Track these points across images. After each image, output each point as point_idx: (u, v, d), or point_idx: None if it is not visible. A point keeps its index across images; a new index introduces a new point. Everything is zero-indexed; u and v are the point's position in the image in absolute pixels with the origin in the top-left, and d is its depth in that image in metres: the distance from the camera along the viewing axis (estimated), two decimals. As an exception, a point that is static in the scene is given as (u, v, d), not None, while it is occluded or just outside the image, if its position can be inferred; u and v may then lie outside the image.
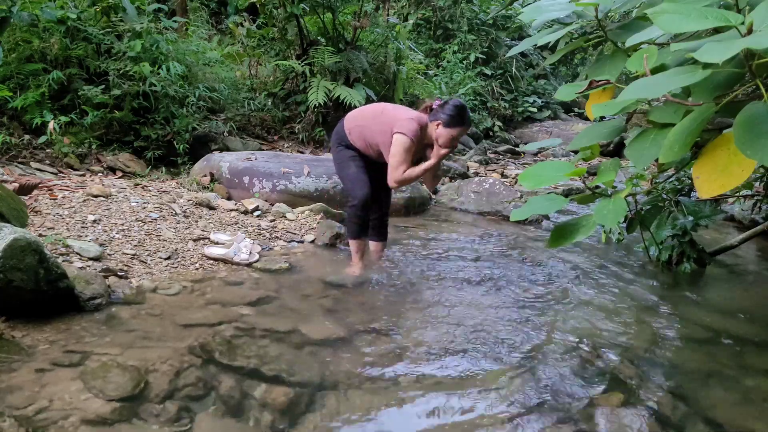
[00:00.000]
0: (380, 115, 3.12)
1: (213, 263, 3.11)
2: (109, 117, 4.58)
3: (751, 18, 1.26)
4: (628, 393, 2.05)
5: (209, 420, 1.75)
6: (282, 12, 6.22)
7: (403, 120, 2.99)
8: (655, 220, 3.56)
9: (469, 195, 5.28)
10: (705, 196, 1.43)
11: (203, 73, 5.59)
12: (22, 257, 2.12)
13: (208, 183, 4.43)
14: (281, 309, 2.62)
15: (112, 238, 3.07)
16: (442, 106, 2.99)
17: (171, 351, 2.09)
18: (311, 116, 6.32)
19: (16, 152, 4.17)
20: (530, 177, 1.88)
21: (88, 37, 4.64)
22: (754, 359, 2.43)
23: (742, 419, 1.95)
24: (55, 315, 2.27)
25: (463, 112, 2.97)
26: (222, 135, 5.42)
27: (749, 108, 1.32)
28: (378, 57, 6.84)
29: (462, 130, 2.98)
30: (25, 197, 3.28)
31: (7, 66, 4.31)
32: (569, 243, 1.86)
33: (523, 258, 3.75)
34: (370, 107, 3.32)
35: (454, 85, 9.33)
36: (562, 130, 10.66)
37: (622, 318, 2.78)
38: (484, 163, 7.81)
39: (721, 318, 2.88)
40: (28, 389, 1.78)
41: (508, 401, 1.96)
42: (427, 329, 2.52)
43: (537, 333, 2.55)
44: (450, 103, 2.98)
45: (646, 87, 1.40)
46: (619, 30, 1.98)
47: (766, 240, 4.32)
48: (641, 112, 1.85)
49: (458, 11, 10.73)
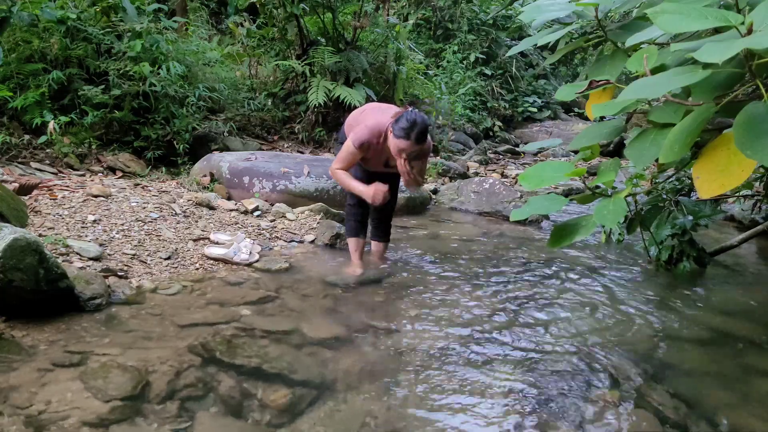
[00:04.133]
0: (360, 116, 3.17)
1: (213, 263, 3.11)
2: (109, 117, 4.58)
3: (751, 18, 1.26)
4: (628, 393, 2.05)
5: (209, 420, 1.75)
6: (282, 12, 6.23)
7: (362, 126, 2.99)
8: (655, 220, 3.57)
9: (469, 195, 5.28)
10: (705, 196, 1.43)
11: (203, 73, 5.59)
12: (22, 257, 2.12)
13: (208, 183, 4.43)
14: (281, 309, 2.62)
15: (112, 238, 3.07)
16: (403, 115, 2.87)
17: (171, 351, 2.09)
18: (311, 116, 6.33)
19: (16, 152, 4.17)
20: (530, 177, 1.88)
21: (88, 37, 4.64)
22: (754, 359, 2.43)
23: (742, 419, 1.95)
24: (56, 315, 2.27)
25: (413, 127, 2.78)
26: (222, 135, 5.42)
27: (749, 108, 1.32)
28: (378, 57, 6.84)
29: (408, 144, 2.80)
30: (25, 197, 3.28)
31: (7, 66, 4.31)
32: (569, 243, 1.87)
33: (523, 258, 3.75)
34: (362, 107, 3.33)
35: (454, 85, 9.33)
36: (562, 130, 10.66)
37: (622, 318, 2.78)
38: (484, 163, 7.81)
39: (721, 318, 2.88)
40: (28, 389, 1.78)
41: (508, 401, 1.96)
42: (427, 329, 2.52)
43: (537, 333, 2.55)
44: (405, 115, 2.85)
45: (646, 87, 1.40)
46: (619, 30, 1.98)
47: (766, 240, 4.32)
48: (641, 112, 1.85)
49: (458, 11, 10.73)
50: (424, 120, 2.86)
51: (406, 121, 2.81)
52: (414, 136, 2.80)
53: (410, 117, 2.82)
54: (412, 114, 2.85)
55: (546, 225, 4.78)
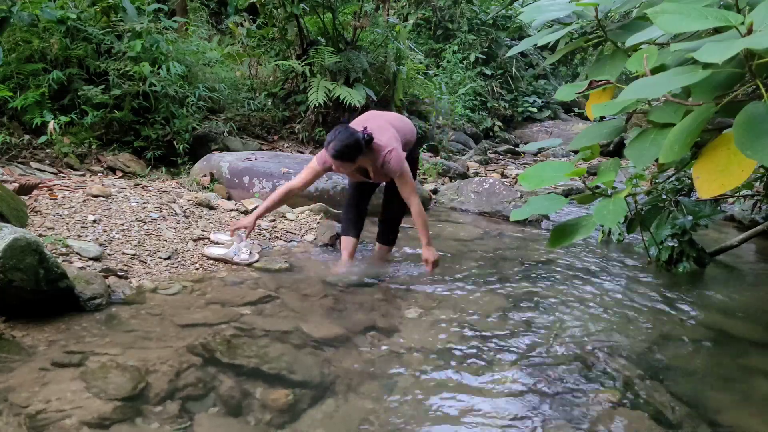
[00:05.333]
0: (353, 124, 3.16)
1: (213, 263, 3.11)
2: (109, 117, 4.58)
3: (751, 18, 1.27)
4: (628, 393, 2.05)
5: (209, 420, 1.75)
6: (282, 12, 6.22)
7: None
8: (655, 220, 3.57)
9: (469, 195, 5.28)
10: (705, 196, 1.43)
11: (203, 73, 5.58)
12: (22, 257, 2.12)
13: (208, 183, 4.43)
14: (281, 309, 2.62)
15: (112, 238, 3.07)
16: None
17: (171, 351, 2.09)
18: (311, 116, 6.32)
19: (16, 152, 4.17)
20: (530, 177, 1.88)
21: (88, 37, 4.64)
22: (754, 359, 2.43)
23: (742, 419, 1.95)
24: (55, 315, 2.27)
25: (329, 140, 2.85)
26: (222, 135, 5.42)
27: (749, 108, 1.32)
28: (378, 57, 6.83)
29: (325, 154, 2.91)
30: (25, 197, 3.28)
31: (7, 66, 4.31)
32: (569, 243, 1.87)
33: (523, 258, 3.75)
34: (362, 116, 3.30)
35: (454, 85, 9.33)
36: (562, 130, 10.66)
37: (622, 318, 2.78)
38: (484, 163, 7.81)
39: (721, 318, 2.88)
40: (28, 389, 1.78)
41: (507, 401, 1.96)
42: (427, 329, 2.52)
43: (537, 333, 2.54)
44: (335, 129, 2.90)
45: (646, 87, 1.40)
46: (619, 30, 1.98)
47: (766, 240, 4.32)
48: (641, 112, 1.85)
49: (458, 11, 10.73)
50: (345, 135, 2.84)
51: (330, 135, 2.87)
52: (330, 148, 2.84)
53: (335, 132, 2.86)
54: (339, 129, 2.87)
55: (546, 225, 4.78)
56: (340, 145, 2.82)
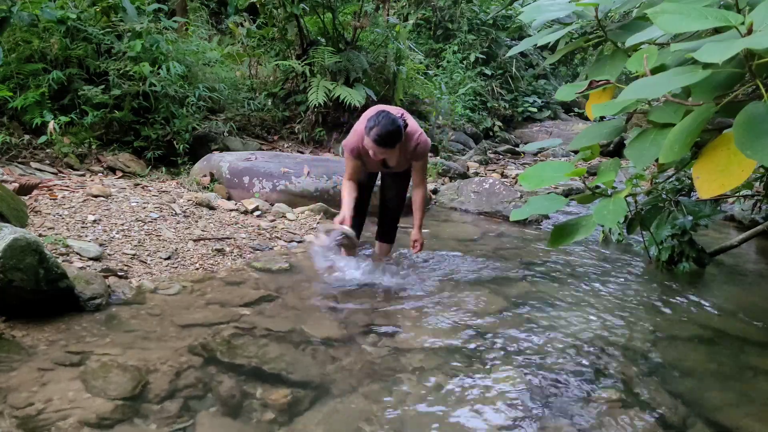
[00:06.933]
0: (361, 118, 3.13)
1: (213, 263, 3.11)
2: (109, 117, 4.58)
3: (751, 18, 1.27)
4: (628, 393, 2.05)
5: (209, 420, 1.75)
6: (282, 12, 6.23)
7: (351, 132, 3.01)
8: (655, 220, 3.57)
9: (469, 195, 5.28)
10: (705, 196, 1.43)
11: (203, 73, 5.59)
12: (22, 257, 2.12)
13: (208, 183, 4.43)
14: (281, 309, 2.62)
15: (112, 238, 3.07)
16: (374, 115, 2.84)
17: (171, 351, 2.09)
18: (311, 116, 6.33)
19: (16, 152, 4.17)
20: (530, 177, 1.88)
21: (88, 37, 4.64)
22: (754, 359, 2.43)
23: (742, 419, 1.95)
24: (55, 315, 2.27)
25: (373, 126, 2.75)
26: (222, 135, 5.42)
27: (749, 108, 1.32)
28: (378, 57, 6.83)
29: (368, 142, 2.78)
30: (25, 197, 3.28)
31: (7, 66, 4.31)
32: (569, 242, 1.87)
33: (523, 258, 3.75)
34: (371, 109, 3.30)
35: (454, 85, 9.33)
36: (562, 130, 10.65)
37: (622, 318, 2.78)
38: (484, 163, 7.81)
39: (721, 318, 2.88)
40: (28, 389, 1.78)
41: (507, 401, 1.96)
42: (427, 329, 2.52)
43: (537, 333, 2.54)
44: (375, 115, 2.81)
45: (646, 87, 1.40)
46: (619, 30, 1.98)
47: (766, 240, 4.32)
48: (641, 112, 1.86)
49: (458, 11, 10.73)
50: (387, 121, 2.77)
51: (370, 121, 2.80)
52: (372, 134, 2.75)
53: (377, 118, 2.78)
54: (380, 115, 2.80)
55: (546, 225, 4.78)
56: (384, 131, 2.75)
